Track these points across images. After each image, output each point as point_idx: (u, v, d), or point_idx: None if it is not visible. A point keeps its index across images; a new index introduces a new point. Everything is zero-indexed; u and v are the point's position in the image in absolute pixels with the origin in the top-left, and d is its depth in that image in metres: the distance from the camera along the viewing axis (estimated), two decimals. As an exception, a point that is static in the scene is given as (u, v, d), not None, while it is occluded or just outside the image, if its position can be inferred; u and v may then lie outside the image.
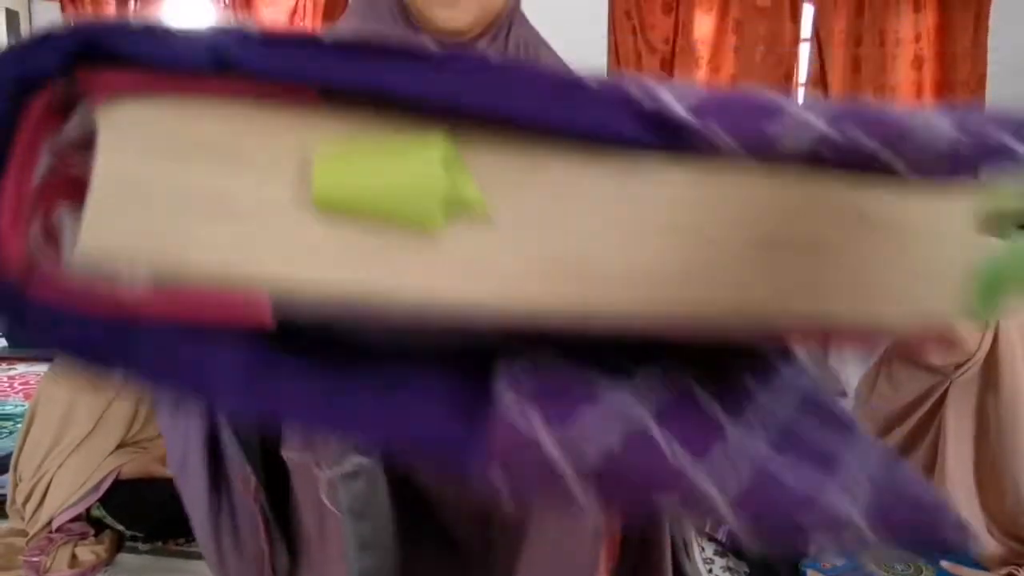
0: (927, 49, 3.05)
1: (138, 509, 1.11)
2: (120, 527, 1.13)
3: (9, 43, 0.27)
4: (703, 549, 1.18)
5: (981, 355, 0.84)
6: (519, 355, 0.27)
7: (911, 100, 3.09)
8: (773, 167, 0.26)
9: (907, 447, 0.93)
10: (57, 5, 3.46)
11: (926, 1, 3.03)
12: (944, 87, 3.04)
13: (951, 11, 2.99)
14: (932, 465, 0.89)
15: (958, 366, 0.86)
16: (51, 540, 1.08)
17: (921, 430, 0.92)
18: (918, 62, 3.07)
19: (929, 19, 3.05)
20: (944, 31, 3.03)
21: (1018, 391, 0.82)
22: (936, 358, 0.86)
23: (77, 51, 0.24)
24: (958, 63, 2.99)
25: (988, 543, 0.84)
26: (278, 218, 0.24)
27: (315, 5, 3.28)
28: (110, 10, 3.41)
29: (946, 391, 0.88)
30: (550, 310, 0.25)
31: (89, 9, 3.40)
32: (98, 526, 1.14)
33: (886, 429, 0.96)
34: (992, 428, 0.84)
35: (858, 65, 3.09)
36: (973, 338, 0.84)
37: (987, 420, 0.85)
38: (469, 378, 0.27)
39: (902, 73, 3.08)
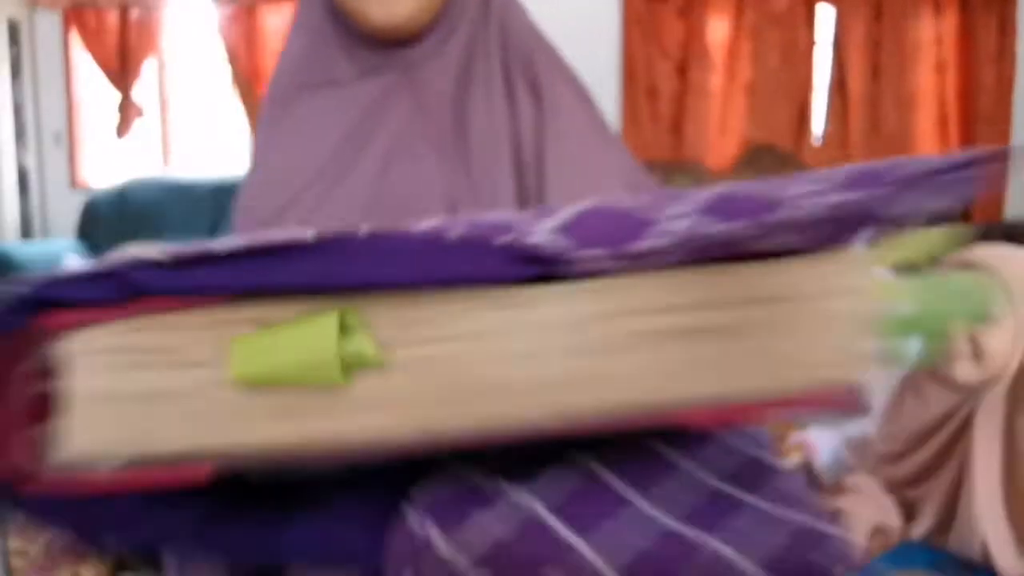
0: (949, 53, 2.99)
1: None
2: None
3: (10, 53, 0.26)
4: None
5: (1010, 372, 0.84)
6: (434, 470, 0.33)
7: (934, 106, 3.02)
8: (656, 269, 0.29)
9: (935, 466, 0.92)
10: (59, 15, 3.45)
11: (947, 3, 2.98)
12: (968, 93, 2.98)
13: (973, 13, 2.93)
14: (960, 484, 0.88)
15: (987, 383, 0.85)
16: (53, 560, 1.09)
17: (949, 448, 0.91)
18: (940, 67, 3.01)
19: (950, 22, 2.99)
20: (967, 34, 2.97)
21: None
22: (965, 375, 0.85)
23: (26, 307, 0.30)
24: (983, 68, 2.92)
25: (1017, 566, 0.83)
26: (213, 399, 0.30)
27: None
28: (112, 20, 3.39)
29: (974, 408, 0.87)
30: (453, 430, 0.29)
31: (92, 21, 3.39)
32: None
33: (914, 447, 0.95)
34: (1020, 447, 0.83)
35: (878, 71, 3.03)
36: (1001, 355, 0.83)
37: (1015, 439, 0.84)
38: (386, 496, 0.33)
39: (923, 78, 3.02)
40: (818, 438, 1.16)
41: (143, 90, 3.51)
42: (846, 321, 0.30)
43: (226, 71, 3.36)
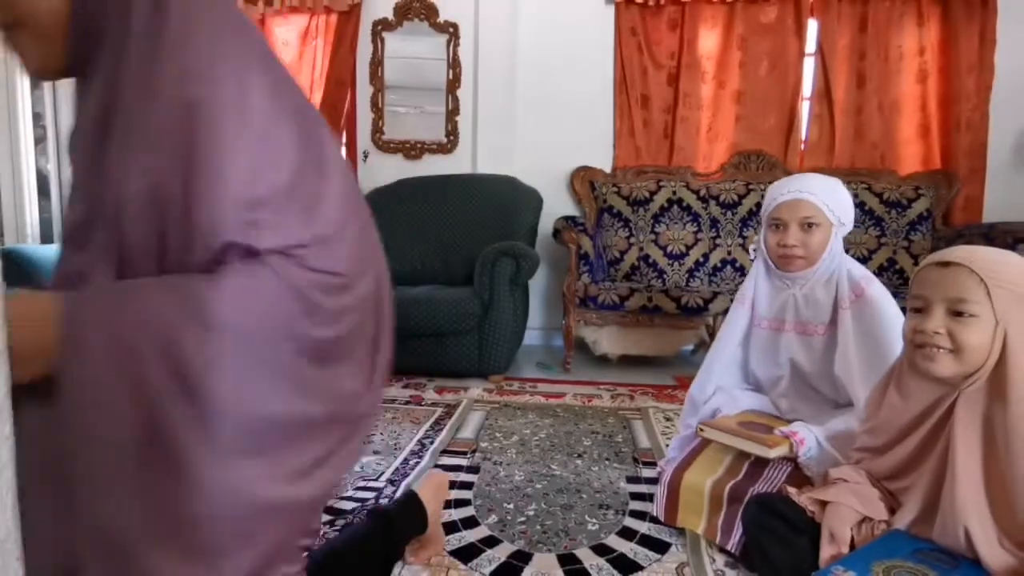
0: (932, 63, 3.08)
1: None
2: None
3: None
4: (713, 560, 1.18)
5: (990, 366, 0.84)
6: None
7: (916, 113, 3.11)
8: None
9: (919, 458, 0.93)
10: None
11: (929, 15, 3.07)
12: (949, 100, 3.06)
13: (955, 25, 3.02)
14: (943, 475, 0.88)
15: (967, 376, 0.86)
16: None
17: (931, 440, 0.91)
18: (922, 75, 3.10)
19: (933, 33, 3.08)
20: (949, 45, 3.06)
21: None
22: (945, 370, 0.86)
23: None
24: (963, 77, 3.01)
25: (999, 556, 0.83)
26: None
27: (327, 25, 3.36)
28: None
29: (955, 401, 0.88)
30: None
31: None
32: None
33: (898, 439, 0.96)
34: (1000, 439, 0.83)
35: (863, 79, 3.11)
36: (980, 350, 0.84)
37: (995, 431, 0.84)
38: None
39: (906, 87, 3.11)
40: (803, 431, 1.21)
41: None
42: None
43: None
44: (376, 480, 1.55)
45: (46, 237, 3.60)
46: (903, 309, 1.01)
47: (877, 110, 3.11)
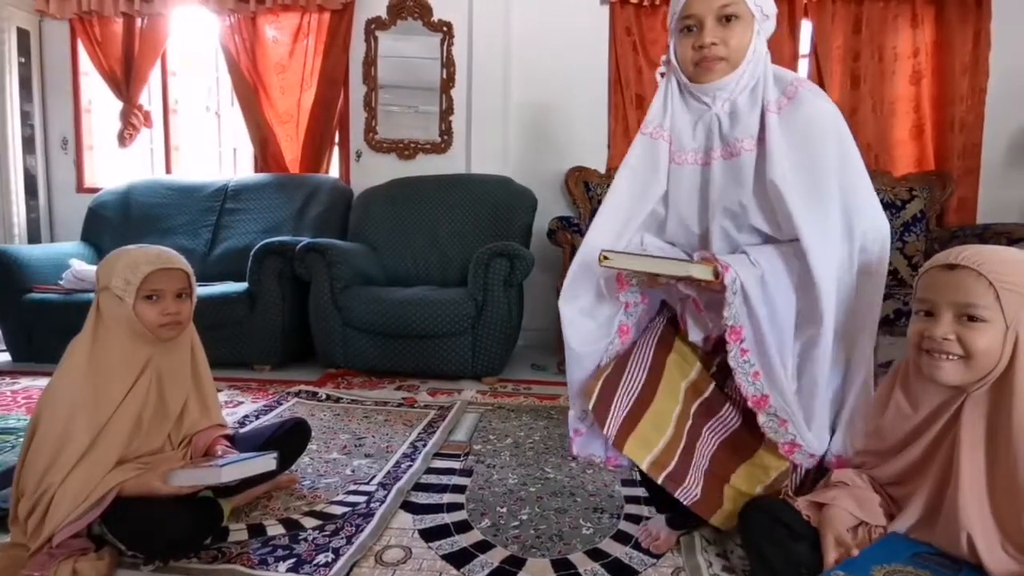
0: (926, 64, 3.09)
1: (138, 528, 1.10)
2: (121, 546, 1.12)
3: (19, 61, 0.29)
4: (711, 564, 1.17)
5: (1000, 370, 0.83)
6: None
7: (910, 114, 3.11)
8: None
9: (924, 462, 0.92)
10: (67, 24, 3.52)
11: (923, 17, 3.07)
12: (943, 101, 3.07)
13: (949, 26, 3.02)
14: (947, 480, 0.87)
15: (975, 381, 0.84)
16: (52, 556, 1.07)
17: (937, 444, 0.90)
18: (916, 77, 3.10)
19: (927, 34, 3.08)
20: (943, 46, 3.06)
21: None
22: (954, 378, 0.84)
23: None
24: (957, 78, 3.01)
25: (1001, 561, 0.81)
26: None
27: (319, 24, 3.33)
28: (116, 29, 3.47)
29: (961, 405, 0.86)
30: None
31: (97, 29, 3.46)
32: (99, 542, 1.13)
33: (903, 444, 0.95)
34: (1004, 443, 0.82)
35: (857, 80, 3.11)
36: (990, 356, 0.82)
37: (999, 436, 0.83)
38: None
39: (900, 88, 3.11)
40: (728, 258, 1.07)
41: (148, 98, 3.59)
42: None
43: (228, 80, 3.43)
44: (368, 484, 1.53)
45: (33, 237, 3.56)
46: (904, 313, 0.99)
47: (871, 111, 3.11)
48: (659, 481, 1.11)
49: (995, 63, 2.99)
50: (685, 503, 1.11)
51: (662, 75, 1.19)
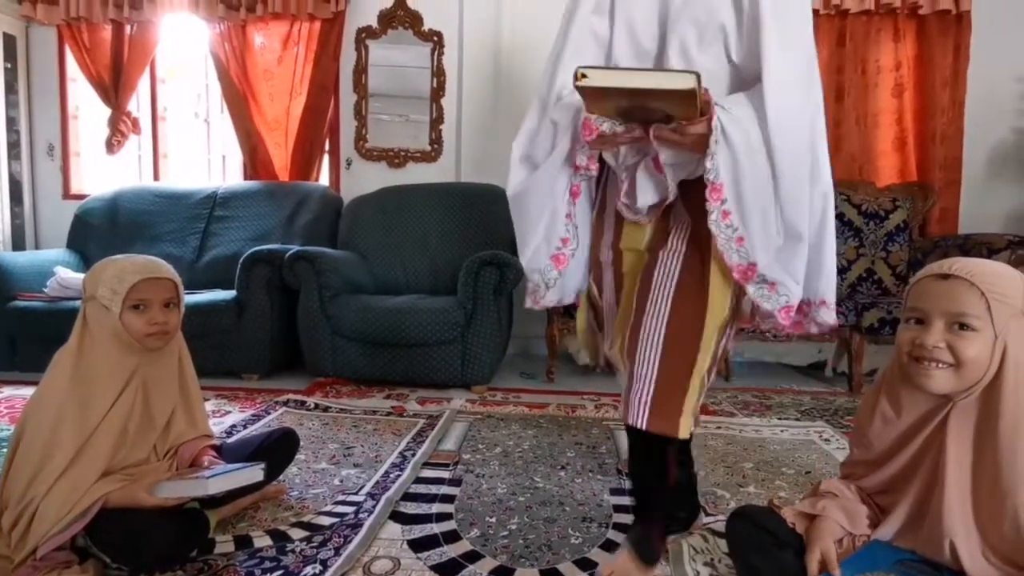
0: (908, 77, 3.15)
1: (123, 540, 1.09)
2: (105, 559, 1.11)
3: (5, 67, 0.29)
4: (698, 574, 1.17)
5: (988, 379, 0.84)
6: None
7: (893, 126, 3.17)
8: None
9: (912, 468, 0.93)
10: (54, 30, 3.50)
11: (905, 31, 3.14)
12: (924, 113, 3.13)
13: (930, 41, 3.09)
14: (931, 487, 0.88)
15: (965, 389, 0.85)
16: (36, 568, 1.06)
17: (924, 451, 0.91)
18: (899, 90, 3.16)
19: (909, 48, 3.15)
20: (924, 60, 3.12)
21: (1020, 417, 0.81)
22: (943, 386, 0.85)
23: None
24: (938, 91, 3.07)
25: (984, 569, 0.82)
26: None
27: (310, 32, 3.34)
28: (105, 35, 3.45)
29: (948, 413, 0.87)
30: None
31: (86, 36, 3.44)
32: (83, 555, 1.12)
33: (890, 453, 0.95)
34: (990, 452, 0.83)
35: (841, 93, 3.17)
36: (980, 364, 0.83)
37: (985, 444, 0.84)
38: None
39: (883, 101, 3.17)
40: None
41: (137, 105, 3.58)
42: None
43: (217, 87, 3.42)
44: (356, 494, 1.52)
45: (18, 244, 3.52)
46: (888, 321, 1.00)
47: (855, 123, 3.16)
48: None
49: (974, 77, 3.05)
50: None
51: None
